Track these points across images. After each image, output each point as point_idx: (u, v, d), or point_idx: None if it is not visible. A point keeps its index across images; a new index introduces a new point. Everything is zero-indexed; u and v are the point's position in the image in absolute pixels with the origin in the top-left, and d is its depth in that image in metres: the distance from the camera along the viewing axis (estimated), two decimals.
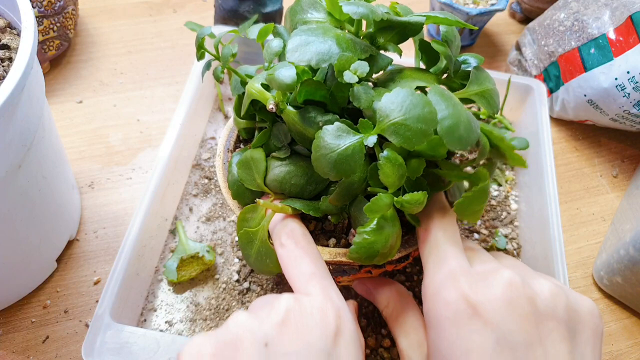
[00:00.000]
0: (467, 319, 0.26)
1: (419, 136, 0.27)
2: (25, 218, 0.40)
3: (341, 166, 0.29)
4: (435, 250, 0.30)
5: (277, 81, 0.29)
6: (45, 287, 0.46)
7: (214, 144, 0.58)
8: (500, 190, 0.57)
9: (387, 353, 0.44)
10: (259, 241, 0.33)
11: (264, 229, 0.33)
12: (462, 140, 0.28)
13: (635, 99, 0.54)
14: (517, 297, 0.27)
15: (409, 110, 0.27)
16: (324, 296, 0.28)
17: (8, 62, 0.37)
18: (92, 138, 0.58)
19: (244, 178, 0.34)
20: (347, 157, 0.28)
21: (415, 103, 0.27)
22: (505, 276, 0.27)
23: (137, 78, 0.65)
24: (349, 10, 0.30)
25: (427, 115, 0.27)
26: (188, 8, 0.76)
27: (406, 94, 0.28)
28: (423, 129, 0.27)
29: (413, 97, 0.27)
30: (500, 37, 0.78)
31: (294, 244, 0.31)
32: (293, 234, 0.32)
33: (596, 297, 0.51)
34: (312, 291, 0.28)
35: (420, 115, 0.27)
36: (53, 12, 0.60)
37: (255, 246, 0.33)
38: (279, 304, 0.27)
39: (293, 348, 0.25)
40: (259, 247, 0.33)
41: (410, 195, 0.28)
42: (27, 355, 0.42)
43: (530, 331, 0.26)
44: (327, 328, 0.26)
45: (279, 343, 0.25)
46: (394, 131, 0.28)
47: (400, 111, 0.27)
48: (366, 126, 0.29)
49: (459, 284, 0.27)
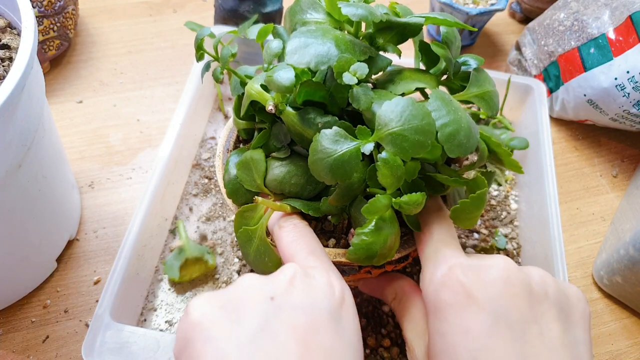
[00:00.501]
0: (465, 301, 0.27)
1: (415, 148, 0.27)
2: (25, 218, 0.40)
3: (337, 171, 0.29)
4: (434, 253, 0.31)
5: (275, 83, 0.29)
6: (45, 287, 0.46)
7: (214, 144, 0.58)
8: (500, 190, 0.57)
9: (387, 353, 0.44)
10: (258, 239, 0.33)
11: (263, 226, 0.33)
12: (462, 147, 0.28)
13: (635, 98, 0.54)
14: (513, 278, 0.28)
15: (408, 121, 0.27)
16: (325, 269, 0.29)
17: (8, 62, 0.37)
18: (92, 138, 0.58)
19: (243, 179, 0.34)
20: (344, 162, 0.29)
21: (414, 114, 0.27)
22: (500, 261, 0.29)
23: (137, 78, 0.65)
24: (348, 12, 0.30)
25: (425, 127, 0.27)
26: (188, 8, 0.76)
27: (406, 103, 0.28)
28: (420, 141, 0.27)
29: (413, 107, 0.27)
30: (500, 37, 0.78)
31: (293, 225, 0.32)
32: (292, 219, 0.33)
33: (596, 297, 0.51)
34: (313, 265, 0.29)
35: (419, 126, 0.27)
36: (53, 12, 0.60)
37: (254, 244, 0.33)
38: (285, 268, 0.28)
39: (299, 303, 0.26)
40: (257, 245, 0.33)
41: (408, 196, 0.28)
42: (27, 354, 0.42)
43: (525, 311, 0.27)
44: (333, 293, 0.27)
45: (286, 298, 0.26)
46: (392, 141, 0.28)
47: (399, 121, 0.27)
48: (364, 133, 0.29)
49: (456, 273, 0.28)
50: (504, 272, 0.28)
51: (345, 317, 0.27)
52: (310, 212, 0.33)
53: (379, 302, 0.47)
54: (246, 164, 0.34)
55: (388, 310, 0.46)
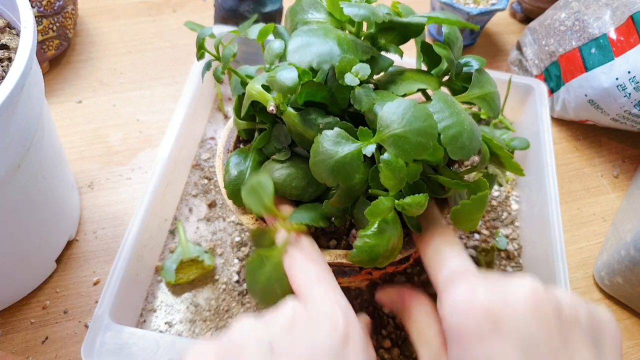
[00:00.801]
0: (491, 331, 0.25)
1: (417, 149, 0.27)
2: (25, 218, 0.39)
3: (338, 173, 0.28)
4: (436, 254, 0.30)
5: (278, 83, 0.29)
6: (44, 288, 0.46)
7: (214, 144, 0.58)
8: (501, 191, 0.57)
9: (388, 354, 0.44)
10: (272, 265, 0.31)
11: (281, 252, 0.31)
12: (465, 149, 0.28)
13: (636, 99, 0.54)
14: (542, 303, 0.25)
15: (410, 123, 0.27)
16: (331, 300, 0.27)
17: (7, 62, 0.37)
18: (91, 138, 0.58)
19: (251, 204, 0.32)
20: (345, 164, 0.28)
21: (416, 116, 0.27)
22: (526, 282, 0.26)
23: (136, 78, 0.65)
24: (350, 12, 0.30)
25: (427, 129, 0.27)
26: (188, 8, 0.76)
27: (408, 105, 0.27)
28: (422, 142, 0.27)
29: (415, 109, 0.27)
30: (501, 37, 0.78)
31: (299, 250, 0.30)
32: (299, 243, 0.31)
33: (597, 298, 0.51)
34: (318, 295, 0.27)
35: (421, 128, 0.27)
36: (52, 11, 0.60)
37: (266, 271, 0.31)
38: (284, 307, 0.27)
39: (300, 349, 0.24)
40: (270, 271, 0.31)
41: (411, 198, 0.28)
42: (26, 356, 0.42)
43: (556, 338, 0.25)
44: (336, 330, 0.25)
45: (286, 345, 0.24)
46: (393, 142, 0.27)
47: (401, 123, 0.27)
48: (365, 134, 0.29)
49: (477, 294, 0.26)
50: (532, 295, 0.25)
51: (352, 354, 0.25)
52: (321, 224, 0.32)
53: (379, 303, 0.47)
54: (253, 189, 0.32)
55: (388, 311, 0.46)
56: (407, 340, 0.45)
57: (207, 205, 0.53)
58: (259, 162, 0.36)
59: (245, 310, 0.46)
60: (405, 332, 0.45)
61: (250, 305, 0.46)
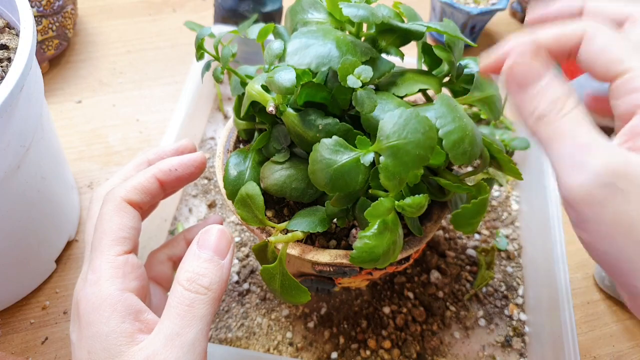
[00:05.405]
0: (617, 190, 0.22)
1: (415, 162, 0.27)
2: (24, 219, 0.39)
3: (337, 182, 0.28)
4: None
5: (276, 84, 0.29)
6: (44, 288, 0.46)
7: (214, 144, 0.58)
8: (501, 191, 0.57)
9: (388, 354, 0.44)
10: (280, 275, 0.32)
11: (283, 263, 0.32)
12: (466, 154, 0.28)
13: None
14: None
15: (410, 134, 0.27)
16: None
17: (7, 62, 0.37)
18: (91, 138, 0.58)
19: (244, 216, 0.33)
20: (344, 173, 0.28)
21: (416, 127, 0.27)
22: None
23: (136, 78, 0.65)
24: (349, 13, 0.30)
25: (427, 142, 0.27)
26: (187, 7, 0.76)
27: (409, 116, 0.27)
28: (421, 155, 0.27)
29: (415, 120, 0.27)
30: (501, 37, 0.77)
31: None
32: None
33: (597, 298, 0.51)
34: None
35: (421, 141, 0.27)
36: (52, 11, 0.60)
37: (278, 281, 0.32)
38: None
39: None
40: (281, 281, 0.32)
41: (412, 199, 0.28)
42: (26, 356, 0.42)
43: None
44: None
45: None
46: (392, 154, 0.27)
47: (401, 134, 0.27)
48: (364, 143, 0.29)
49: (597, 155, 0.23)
50: None
51: None
52: (319, 229, 0.32)
53: (379, 304, 0.47)
54: (243, 201, 0.33)
55: (389, 312, 0.46)
56: (407, 341, 0.45)
57: (207, 205, 0.53)
58: (258, 163, 0.36)
59: (245, 311, 0.46)
60: (405, 333, 0.45)
61: (251, 306, 0.46)
